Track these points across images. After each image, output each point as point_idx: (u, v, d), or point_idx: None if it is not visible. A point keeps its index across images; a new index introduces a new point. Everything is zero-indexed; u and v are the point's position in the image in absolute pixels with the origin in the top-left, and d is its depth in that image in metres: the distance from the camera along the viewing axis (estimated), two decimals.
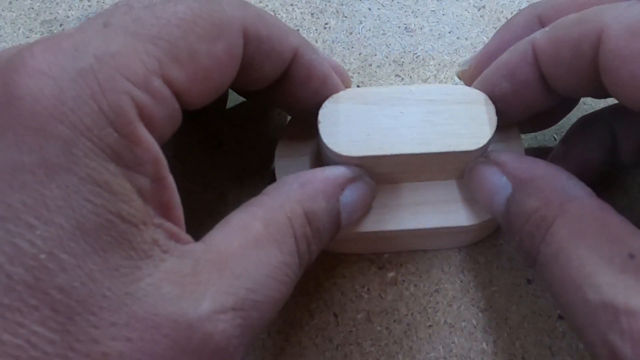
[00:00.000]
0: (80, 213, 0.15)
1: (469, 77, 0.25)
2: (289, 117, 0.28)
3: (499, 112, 0.24)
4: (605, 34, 0.19)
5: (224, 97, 0.29)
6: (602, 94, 0.21)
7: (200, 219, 0.27)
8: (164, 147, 0.18)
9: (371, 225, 0.24)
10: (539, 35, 0.22)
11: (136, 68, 0.17)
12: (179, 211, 0.18)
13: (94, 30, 0.17)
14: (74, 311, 0.15)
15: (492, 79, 0.23)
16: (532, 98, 0.23)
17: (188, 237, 0.18)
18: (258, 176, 0.28)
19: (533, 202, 0.20)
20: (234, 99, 0.29)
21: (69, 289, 0.15)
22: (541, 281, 0.20)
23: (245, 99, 0.29)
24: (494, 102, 0.23)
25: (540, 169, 0.21)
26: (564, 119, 0.27)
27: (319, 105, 0.23)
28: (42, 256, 0.15)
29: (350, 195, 0.22)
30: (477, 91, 0.23)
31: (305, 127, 0.25)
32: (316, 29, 0.32)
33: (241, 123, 0.29)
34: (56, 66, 0.16)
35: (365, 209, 0.24)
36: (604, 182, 0.28)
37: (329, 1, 0.33)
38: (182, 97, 0.18)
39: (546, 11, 0.23)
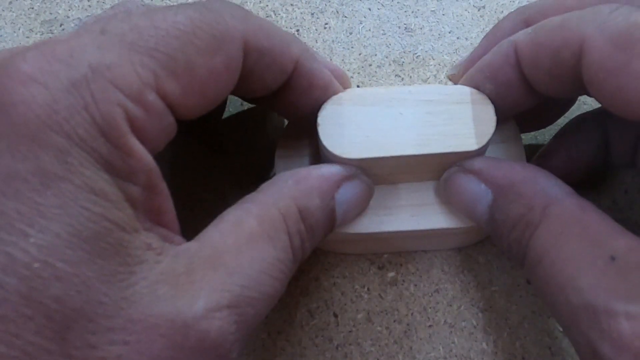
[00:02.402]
0: (78, 220, 0.15)
1: (457, 81, 0.25)
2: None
3: None
4: (588, 45, 0.19)
5: (223, 101, 0.29)
6: (586, 94, 0.21)
7: (201, 222, 0.27)
8: (163, 151, 0.18)
9: (371, 226, 0.24)
10: (522, 36, 0.22)
11: (131, 80, 0.17)
12: (172, 215, 0.18)
13: (90, 37, 0.17)
14: (70, 319, 0.15)
15: (475, 80, 0.23)
16: (516, 98, 0.23)
17: (181, 239, 0.18)
18: (258, 178, 0.28)
19: (516, 208, 0.21)
20: (234, 102, 0.29)
21: (64, 298, 0.15)
22: (531, 285, 0.20)
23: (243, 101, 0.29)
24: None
25: (519, 173, 0.21)
26: (563, 117, 0.27)
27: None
28: (36, 265, 0.15)
29: (346, 194, 0.22)
30: (476, 91, 0.23)
31: (305, 128, 0.25)
32: (316, 29, 0.32)
33: (241, 125, 0.29)
34: (49, 74, 0.16)
35: (361, 207, 0.24)
36: (604, 181, 0.28)
37: (329, 1, 0.33)
38: (176, 110, 0.18)
39: (532, 15, 0.23)
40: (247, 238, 0.19)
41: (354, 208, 0.23)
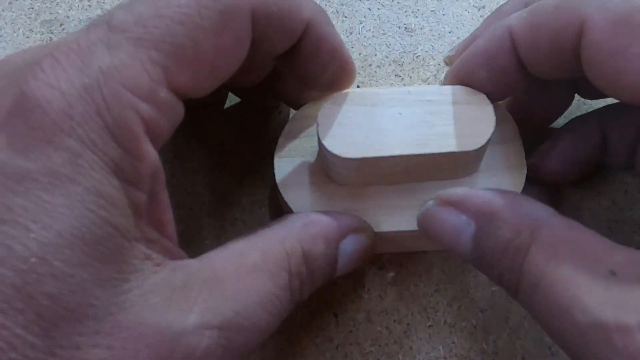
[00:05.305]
0: (82, 222, 0.15)
1: (452, 64, 0.25)
2: (289, 117, 0.28)
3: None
4: (588, 26, 0.19)
5: (223, 96, 0.29)
6: (583, 77, 0.21)
7: (200, 219, 0.27)
8: (163, 147, 0.18)
9: (372, 226, 0.24)
10: (516, 20, 0.22)
11: (141, 80, 0.17)
12: (172, 227, 0.19)
13: (97, 36, 0.17)
14: (60, 318, 0.15)
15: (469, 67, 0.23)
16: (511, 83, 0.23)
17: (182, 253, 0.18)
18: (258, 176, 0.28)
19: (503, 234, 0.20)
20: (234, 98, 0.29)
21: (57, 296, 0.15)
22: (528, 312, 0.20)
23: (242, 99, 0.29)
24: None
25: (499, 199, 0.21)
26: (562, 118, 0.27)
27: (323, 81, 0.23)
28: (33, 260, 0.15)
29: (350, 245, 0.22)
30: (476, 91, 0.23)
31: (305, 127, 0.25)
32: None
33: (241, 123, 0.29)
34: (64, 80, 0.16)
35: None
36: (604, 181, 0.28)
37: (329, 1, 0.33)
38: (186, 95, 0.18)
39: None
40: (248, 269, 0.19)
41: (355, 260, 0.23)
